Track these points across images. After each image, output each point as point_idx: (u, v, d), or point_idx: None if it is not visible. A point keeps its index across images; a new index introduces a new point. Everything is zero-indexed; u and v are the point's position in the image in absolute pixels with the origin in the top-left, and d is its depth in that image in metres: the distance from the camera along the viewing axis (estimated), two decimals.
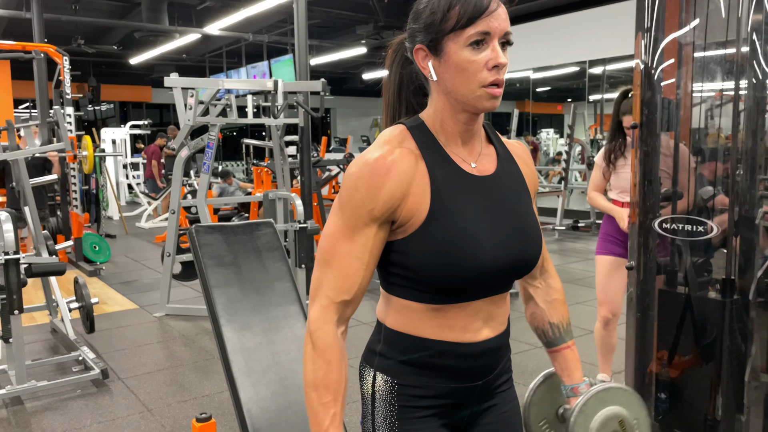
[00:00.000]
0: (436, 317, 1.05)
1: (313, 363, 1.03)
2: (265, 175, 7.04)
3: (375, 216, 1.00)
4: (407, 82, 1.14)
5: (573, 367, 1.25)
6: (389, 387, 1.09)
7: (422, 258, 1.01)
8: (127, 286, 5.97)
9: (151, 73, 16.33)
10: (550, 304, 1.26)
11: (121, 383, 3.52)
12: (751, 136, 1.99)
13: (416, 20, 1.04)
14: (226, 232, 2.03)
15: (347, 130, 19.13)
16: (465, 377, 1.09)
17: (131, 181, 12.25)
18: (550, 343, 1.26)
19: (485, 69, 0.99)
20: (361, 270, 1.03)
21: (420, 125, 1.07)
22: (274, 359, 1.87)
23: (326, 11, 10.39)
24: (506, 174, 1.12)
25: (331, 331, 1.03)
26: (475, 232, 1.02)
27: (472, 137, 1.09)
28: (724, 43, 2.03)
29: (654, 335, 2.27)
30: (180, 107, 4.69)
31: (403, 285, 1.06)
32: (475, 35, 0.98)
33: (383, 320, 1.12)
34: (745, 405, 2.08)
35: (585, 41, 8.61)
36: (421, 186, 1.01)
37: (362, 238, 1.02)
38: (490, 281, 1.06)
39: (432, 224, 1.01)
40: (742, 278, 2.03)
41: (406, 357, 1.08)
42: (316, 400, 1.02)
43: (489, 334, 1.10)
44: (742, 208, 2.01)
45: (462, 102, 1.02)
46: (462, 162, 1.07)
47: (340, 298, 1.03)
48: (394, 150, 1.02)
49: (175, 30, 10.63)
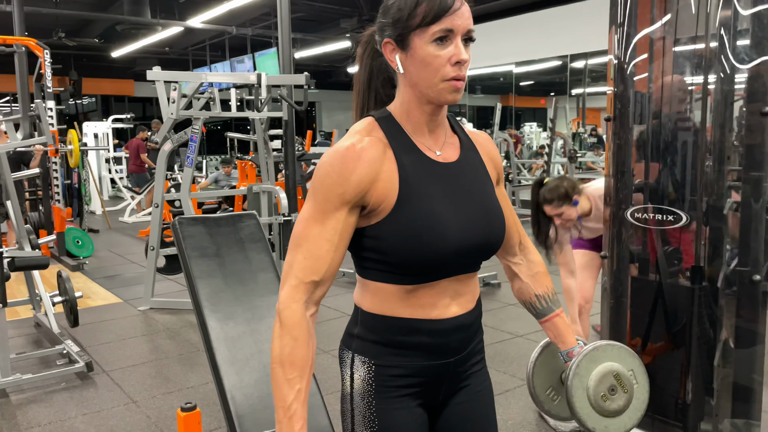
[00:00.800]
0: (407, 297, 1.11)
1: (280, 339, 1.05)
2: (249, 168, 7.05)
3: (346, 200, 1.05)
4: (377, 73, 1.20)
5: (565, 332, 1.31)
6: (367, 367, 1.14)
7: (393, 240, 1.06)
8: (110, 280, 5.96)
9: (133, 67, 16.19)
10: (534, 278, 1.33)
11: (106, 376, 3.54)
12: (719, 128, 2.06)
13: (385, 15, 1.10)
14: (209, 223, 2.06)
15: (332, 124, 19.12)
16: (438, 354, 1.15)
17: (114, 176, 12.17)
18: (539, 314, 1.32)
19: (448, 64, 1.05)
20: (331, 251, 1.07)
21: (388, 116, 1.13)
22: (258, 347, 1.91)
23: (310, 4, 10.38)
24: (469, 161, 1.18)
25: (298, 309, 1.06)
26: (441, 214, 1.08)
27: (437, 127, 1.15)
28: (694, 38, 2.09)
29: (627, 322, 2.34)
30: (163, 101, 4.68)
31: (377, 269, 1.11)
32: (440, 32, 1.03)
33: (360, 304, 1.17)
34: (714, 389, 2.16)
35: (567, 36, 8.69)
36: (389, 172, 1.07)
37: (332, 221, 1.06)
38: (456, 261, 1.11)
39: (401, 208, 1.06)
40: (710, 266, 2.10)
41: (381, 337, 1.13)
42: (282, 375, 1.05)
43: (458, 311, 1.15)
44: (711, 199, 2.08)
45: (426, 94, 1.08)
46: (427, 150, 1.13)
47: (309, 279, 1.07)
48: (364, 138, 1.08)
49: (158, 23, 10.58)
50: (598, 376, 1.27)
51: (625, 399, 1.30)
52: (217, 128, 19.61)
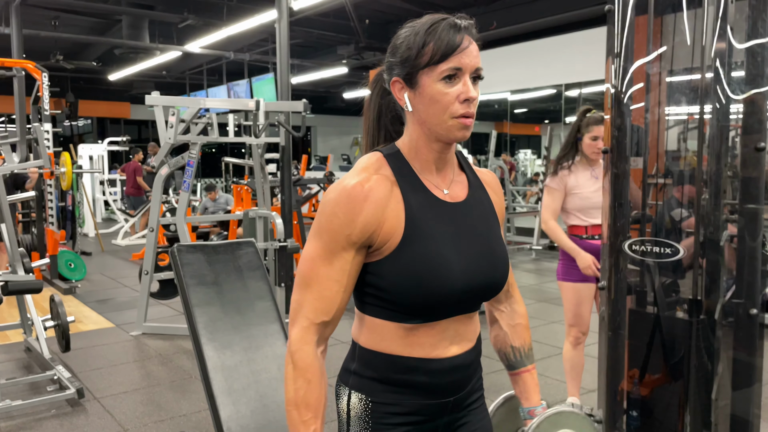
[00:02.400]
0: (407, 336, 1.10)
1: (294, 382, 1.07)
2: (245, 193, 7.05)
3: (353, 241, 1.05)
4: (386, 111, 1.20)
5: (531, 390, 1.29)
6: (364, 405, 1.13)
7: (395, 280, 1.06)
8: (103, 304, 5.91)
9: (130, 90, 16.26)
10: (513, 329, 1.32)
11: (97, 403, 3.49)
12: (715, 160, 2.08)
13: (393, 54, 1.10)
14: (207, 251, 2.05)
15: (327, 149, 19.19)
16: (436, 393, 1.13)
17: (108, 198, 12.14)
18: (511, 365, 1.31)
19: (457, 102, 1.05)
20: (340, 292, 1.08)
21: (396, 153, 1.13)
22: (255, 377, 1.89)
23: (308, 31, 10.49)
24: (477, 201, 1.18)
25: (311, 351, 1.07)
26: (445, 256, 1.07)
27: (445, 165, 1.15)
28: (690, 69, 2.13)
29: (625, 354, 2.33)
30: (161, 125, 4.70)
31: (376, 305, 1.11)
32: (448, 70, 1.04)
33: (357, 339, 1.16)
34: (712, 422, 2.14)
35: (561, 65, 8.80)
36: (396, 211, 1.07)
37: (340, 262, 1.06)
38: (458, 303, 1.11)
39: (405, 248, 1.06)
40: (708, 299, 2.11)
41: (379, 375, 1.12)
42: (297, 417, 1.06)
43: (457, 351, 1.14)
44: (707, 231, 2.09)
45: (435, 132, 1.08)
46: (435, 189, 1.13)
47: (320, 320, 1.08)
48: (371, 177, 1.07)
49: (156, 47, 10.64)
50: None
51: None
52: (212, 152, 19.66)
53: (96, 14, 10.31)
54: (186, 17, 9.57)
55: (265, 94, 10.57)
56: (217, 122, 4.97)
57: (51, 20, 9.87)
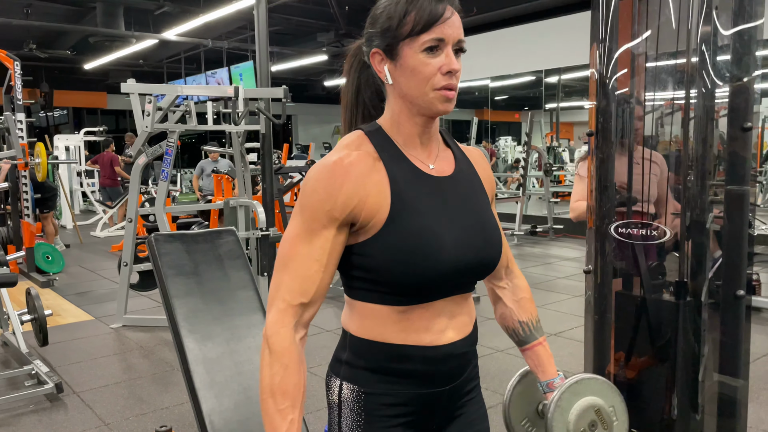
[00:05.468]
0: (401, 320, 1.06)
1: (269, 368, 1.01)
2: (225, 182, 6.95)
3: (334, 217, 1.01)
4: (365, 86, 1.15)
5: (546, 362, 1.26)
6: (356, 396, 1.08)
7: (385, 258, 1.02)
8: (81, 297, 5.81)
9: (106, 79, 15.98)
10: (518, 303, 1.28)
11: (77, 397, 3.42)
12: (701, 143, 2.06)
13: (373, 25, 1.06)
14: (186, 240, 1.99)
15: (309, 137, 19.06)
16: (432, 382, 1.09)
17: (86, 189, 11.93)
18: (521, 341, 1.28)
19: (439, 73, 1.01)
20: (320, 272, 1.03)
21: (377, 130, 1.08)
22: (237, 369, 1.84)
23: (287, 18, 10.36)
24: (464, 176, 1.13)
25: (287, 334, 1.01)
26: (436, 230, 1.03)
27: (429, 140, 1.10)
28: (675, 53, 2.10)
29: (611, 337, 2.32)
30: (137, 114, 4.60)
31: (366, 288, 1.06)
32: (430, 41, 1.00)
33: (347, 328, 1.11)
34: (699, 404, 2.15)
35: (541, 51, 8.79)
36: (380, 187, 1.02)
37: (320, 240, 1.02)
38: (452, 280, 1.07)
39: (393, 225, 1.01)
40: (694, 281, 2.10)
41: (372, 364, 1.07)
42: (273, 406, 1.00)
43: (454, 337, 1.10)
44: (694, 213, 2.08)
45: (417, 105, 1.04)
46: (420, 163, 1.08)
47: (298, 301, 1.02)
48: (352, 153, 1.03)
49: (132, 35, 10.45)
50: (579, 410, 1.22)
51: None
52: (191, 141, 19.43)
53: (70, 2, 10.07)
54: (162, 4, 9.40)
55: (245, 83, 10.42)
56: (196, 111, 4.87)
57: (23, 8, 9.62)
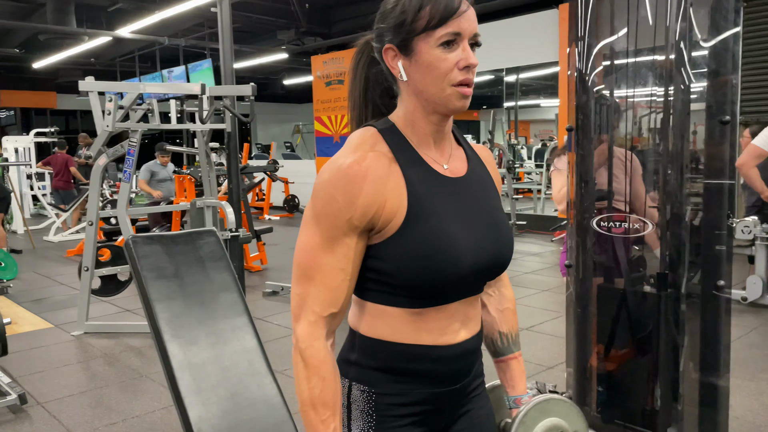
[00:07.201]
0: (414, 321, 1.03)
1: (308, 381, 0.99)
2: (187, 182, 6.79)
3: (354, 225, 0.97)
4: (374, 84, 1.12)
5: (518, 377, 1.24)
6: (366, 397, 1.06)
7: (400, 261, 0.99)
8: (38, 304, 5.59)
9: (56, 78, 15.45)
10: (502, 313, 1.25)
11: (41, 408, 3.27)
12: (679, 137, 2.10)
13: (384, 20, 1.02)
14: (165, 242, 1.92)
15: (268, 137, 18.83)
16: (443, 381, 1.08)
17: (37, 192, 11.49)
18: (497, 352, 1.25)
19: (456, 68, 0.99)
20: (346, 281, 1.00)
21: (391, 127, 1.05)
22: (224, 374, 1.78)
23: (247, 16, 10.18)
24: (477, 176, 1.11)
25: (322, 347, 1.00)
26: (453, 233, 1.01)
27: (443, 139, 1.08)
28: (653, 49, 2.13)
29: (593, 330, 2.35)
30: (97, 113, 4.44)
31: (379, 290, 1.03)
32: (446, 36, 0.97)
33: (356, 328, 1.08)
34: (680, 394, 2.18)
35: (501, 50, 8.86)
36: (397, 189, 0.99)
37: (343, 249, 0.99)
38: (468, 283, 1.05)
39: (410, 228, 0.99)
40: (674, 272, 2.14)
41: (383, 364, 1.05)
42: (315, 418, 0.99)
43: (465, 335, 1.09)
44: (674, 207, 2.11)
45: (432, 102, 1.01)
46: (434, 163, 1.06)
47: (328, 312, 1.00)
48: (368, 154, 0.99)
49: (84, 32, 10.12)
50: (543, 429, 1.19)
51: None
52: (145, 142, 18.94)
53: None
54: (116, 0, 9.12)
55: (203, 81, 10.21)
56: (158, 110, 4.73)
57: None
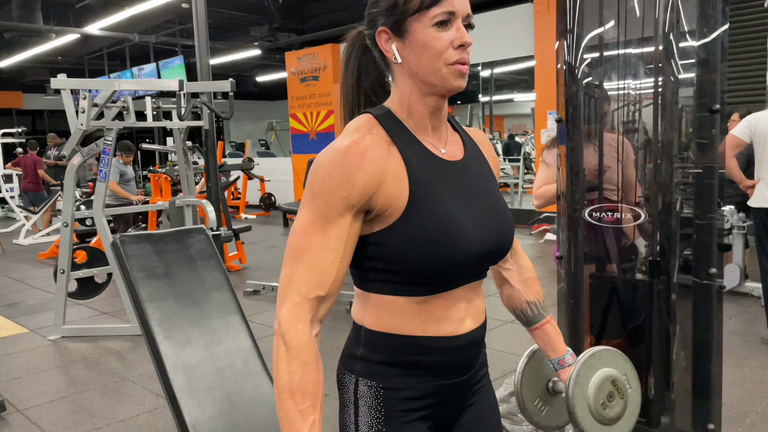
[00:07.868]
0: (420, 311, 1.02)
1: (287, 366, 0.93)
2: (163, 182, 6.67)
3: (350, 204, 0.95)
4: (365, 74, 1.11)
5: (556, 340, 1.26)
6: (374, 392, 1.03)
7: (406, 247, 0.97)
8: (11, 308, 5.43)
9: (22, 77, 15.06)
10: (525, 284, 1.27)
11: (21, 415, 3.18)
12: (669, 126, 2.11)
13: (376, 4, 1.02)
14: (154, 241, 1.86)
15: (242, 135, 18.63)
16: (451, 373, 1.07)
17: (5, 195, 11.19)
18: (529, 321, 1.26)
19: (451, 47, 0.98)
20: (336, 263, 0.96)
21: (387, 113, 1.04)
22: (219, 375, 1.74)
23: (219, 12, 10.03)
24: (474, 160, 1.11)
25: (305, 330, 0.95)
26: (457, 216, 1.00)
27: (439, 122, 1.07)
28: (641, 40, 2.14)
29: (585, 321, 2.35)
30: (70, 111, 4.32)
31: (383, 280, 1.01)
32: (441, 15, 0.97)
33: (361, 322, 1.06)
34: (673, 383, 2.20)
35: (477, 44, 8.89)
36: (396, 173, 0.97)
37: (336, 229, 0.95)
38: (472, 266, 1.04)
39: (413, 212, 0.97)
40: (665, 261, 2.15)
41: (390, 358, 1.03)
42: (293, 407, 0.93)
43: (472, 325, 1.08)
44: (665, 197, 2.12)
45: (429, 83, 1.00)
46: (433, 148, 1.05)
47: (314, 294, 0.96)
48: (365, 136, 0.98)
49: (51, 30, 9.86)
50: (598, 383, 1.22)
51: (622, 405, 1.27)
52: None
53: None
54: None
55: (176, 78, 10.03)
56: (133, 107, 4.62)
57: None
